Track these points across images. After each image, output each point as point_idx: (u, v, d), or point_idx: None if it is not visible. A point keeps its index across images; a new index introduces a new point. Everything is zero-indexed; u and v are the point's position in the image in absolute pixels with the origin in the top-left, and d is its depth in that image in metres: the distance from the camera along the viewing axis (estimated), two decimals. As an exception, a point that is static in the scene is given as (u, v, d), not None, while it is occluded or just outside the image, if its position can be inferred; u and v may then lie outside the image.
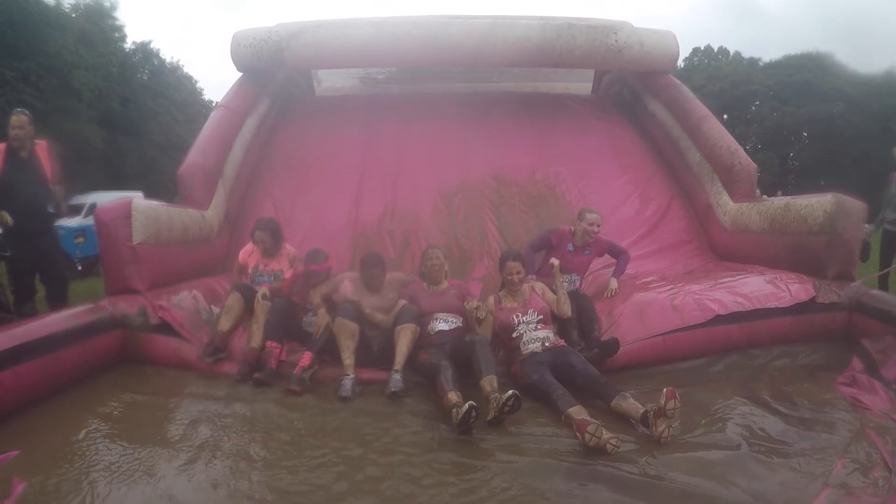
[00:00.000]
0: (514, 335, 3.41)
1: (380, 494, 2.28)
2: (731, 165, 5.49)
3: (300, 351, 3.66)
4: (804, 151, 33.21)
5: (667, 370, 3.67)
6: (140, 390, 3.45)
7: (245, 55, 6.13)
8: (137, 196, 8.64)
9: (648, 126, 6.86)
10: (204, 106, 30.40)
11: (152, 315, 3.90)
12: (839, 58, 32.18)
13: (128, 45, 26.07)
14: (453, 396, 2.91)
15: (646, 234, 5.79)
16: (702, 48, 38.67)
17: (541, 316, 3.50)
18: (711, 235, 5.72)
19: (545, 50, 5.94)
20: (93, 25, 21.47)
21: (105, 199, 8.93)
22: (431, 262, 3.94)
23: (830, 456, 2.48)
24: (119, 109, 23.15)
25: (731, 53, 37.95)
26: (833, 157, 29.71)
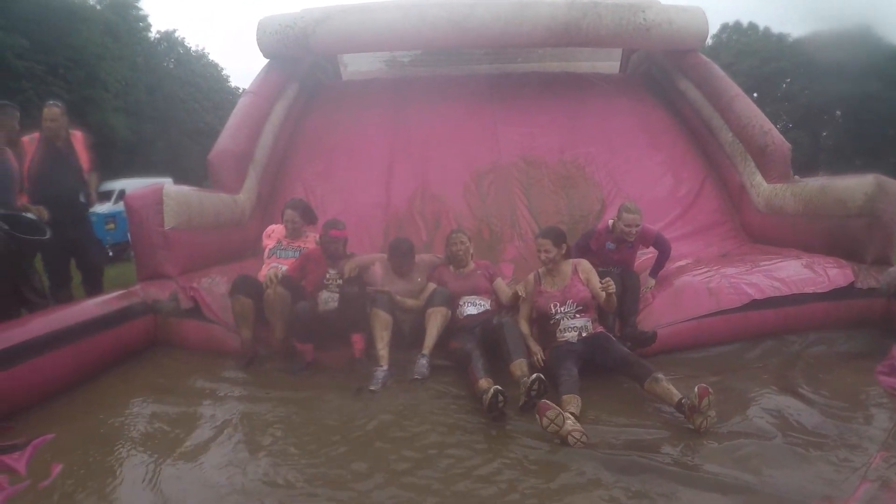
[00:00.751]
0: (552, 322, 3.36)
1: (410, 486, 2.24)
2: (765, 145, 5.35)
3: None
4: (837, 130, 32.03)
5: (701, 356, 3.61)
6: (172, 375, 3.52)
7: (271, 42, 6.14)
8: (167, 182, 8.78)
9: (679, 105, 6.71)
10: (230, 93, 30.62)
11: (184, 300, 3.96)
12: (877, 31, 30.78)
13: (153, 35, 26.39)
14: (484, 383, 2.91)
15: (680, 216, 5.69)
16: (731, 24, 37.42)
17: (580, 306, 3.37)
18: (745, 217, 5.59)
19: (572, 29, 5.84)
20: (118, 17, 21.82)
21: (134, 186, 9.10)
22: (457, 247, 3.93)
23: (869, 449, 2.40)
24: (146, 98, 23.48)
25: (761, 29, 36.66)
26: (867, 137, 28.56)
